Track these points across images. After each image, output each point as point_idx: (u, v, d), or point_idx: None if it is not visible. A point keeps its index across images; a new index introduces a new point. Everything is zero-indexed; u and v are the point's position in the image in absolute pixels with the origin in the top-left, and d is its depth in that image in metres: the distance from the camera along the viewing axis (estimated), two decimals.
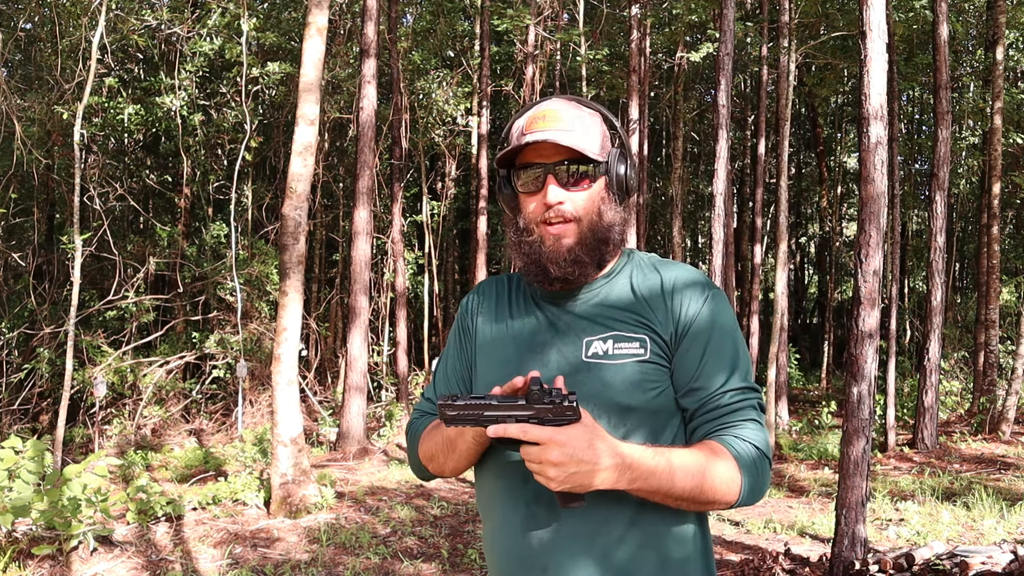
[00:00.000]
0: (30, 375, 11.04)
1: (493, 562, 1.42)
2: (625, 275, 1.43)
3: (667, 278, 1.40)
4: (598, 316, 1.39)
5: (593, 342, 1.36)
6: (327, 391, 13.62)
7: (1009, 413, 10.35)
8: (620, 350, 1.34)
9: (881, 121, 4.74)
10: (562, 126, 1.36)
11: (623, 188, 1.43)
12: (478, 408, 1.20)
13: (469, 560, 5.25)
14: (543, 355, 1.39)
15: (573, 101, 1.43)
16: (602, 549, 1.31)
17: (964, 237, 21.20)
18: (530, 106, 1.45)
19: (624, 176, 1.42)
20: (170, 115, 12.27)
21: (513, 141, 1.42)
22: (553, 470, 1.15)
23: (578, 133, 1.37)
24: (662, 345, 1.35)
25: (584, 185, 1.38)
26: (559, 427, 1.16)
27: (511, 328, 1.45)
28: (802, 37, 14.34)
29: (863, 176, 4.81)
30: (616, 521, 1.31)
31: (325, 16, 6.58)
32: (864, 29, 4.76)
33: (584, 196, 1.38)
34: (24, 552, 4.97)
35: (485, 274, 12.19)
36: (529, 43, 12.29)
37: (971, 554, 4.32)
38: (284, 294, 6.39)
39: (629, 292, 1.41)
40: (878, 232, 4.75)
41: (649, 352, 1.34)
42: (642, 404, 1.33)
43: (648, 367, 1.34)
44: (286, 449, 6.27)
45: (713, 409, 1.33)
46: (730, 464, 1.27)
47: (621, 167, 1.42)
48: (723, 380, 1.34)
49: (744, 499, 1.30)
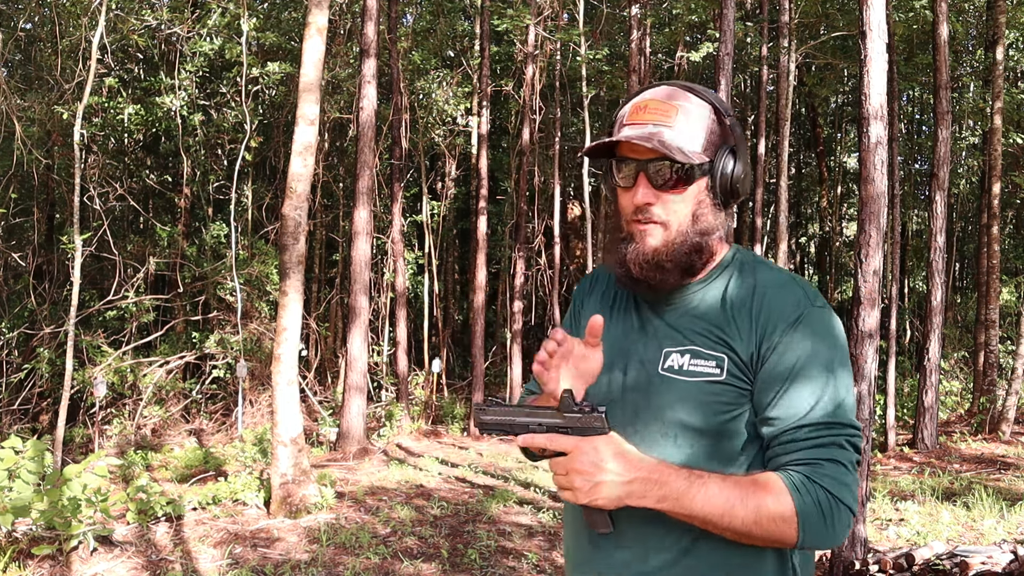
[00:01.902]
0: (30, 375, 11.04)
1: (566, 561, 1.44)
2: (722, 281, 1.31)
3: (760, 288, 1.26)
4: (682, 326, 1.29)
5: (672, 354, 1.27)
6: (327, 391, 13.62)
7: (1009, 413, 10.35)
8: (695, 367, 1.25)
9: (881, 121, 4.74)
10: (661, 120, 1.26)
11: (728, 191, 1.29)
12: (510, 415, 1.20)
13: (469, 560, 5.25)
14: (626, 359, 1.32)
15: (682, 90, 1.30)
16: (655, 570, 1.26)
17: (964, 237, 21.19)
18: (640, 91, 1.34)
19: (730, 179, 1.28)
20: (170, 115, 12.27)
21: (615, 130, 1.32)
22: (578, 479, 1.14)
23: (677, 130, 1.26)
24: (742, 366, 1.23)
25: (679, 188, 1.27)
26: (585, 437, 1.15)
27: (607, 324, 1.35)
28: (802, 37, 14.35)
29: (863, 176, 4.81)
30: (670, 545, 1.24)
31: (325, 16, 6.58)
32: (864, 29, 4.76)
33: (677, 200, 1.27)
34: (24, 552, 4.97)
35: (485, 274, 12.18)
36: (529, 43, 12.29)
37: (971, 554, 4.32)
38: (284, 294, 6.39)
39: (718, 302, 1.28)
40: (878, 232, 4.75)
41: (726, 373, 1.23)
42: (711, 427, 1.23)
43: (722, 388, 1.23)
44: (286, 449, 6.27)
45: (788, 443, 1.20)
46: (781, 500, 1.15)
47: (728, 168, 1.28)
48: (804, 412, 1.19)
49: (804, 542, 1.16)
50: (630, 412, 1.29)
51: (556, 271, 14.39)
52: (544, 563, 5.22)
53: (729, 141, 1.29)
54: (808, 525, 1.15)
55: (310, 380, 13.02)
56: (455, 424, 11.99)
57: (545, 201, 16.78)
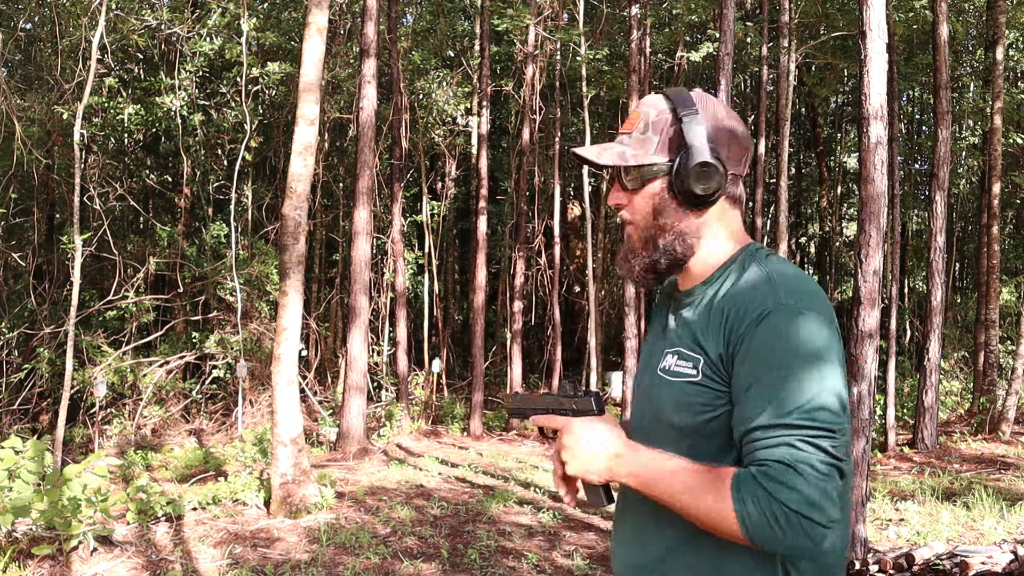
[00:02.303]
0: (30, 375, 11.04)
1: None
2: (719, 283, 1.32)
3: (736, 287, 1.28)
4: (678, 328, 1.35)
5: (667, 355, 1.33)
6: (327, 391, 13.63)
7: (1009, 413, 10.35)
8: (679, 367, 1.29)
9: (881, 121, 4.74)
10: (626, 129, 1.37)
11: (683, 191, 1.31)
12: (528, 402, 1.43)
13: (469, 560, 5.25)
14: (651, 359, 1.41)
15: (657, 94, 1.37)
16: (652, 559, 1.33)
17: (964, 237, 21.19)
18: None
19: (680, 179, 1.31)
20: (170, 115, 12.27)
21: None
22: (565, 452, 1.29)
23: (634, 137, 1.34)
24: (714, 367, 1.25)
25: (638, 190, 1.35)
26: (577, 417, 1.32)
27: (653, 323, 1.48)
28: (802, 37, 14.35)
29: (863, 176, 4.82)
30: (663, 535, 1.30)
31: (325, 16, 6.58)
32: (864, 29, 4.76)
33: (638, 199, 1.35)
34: (24, 552, 4.97)
35: (485, 274, 12.18)
36: (529, 43, 12.29)
37: (971, 554, 4.32)
38: (284, 294, 6.39)
39: (708, 303, 1.31)
40: (878, 232, 4.75)
41: (700, 374, 1.25)
42: (692, 427, 1.26)
43: (699, 389, 1.25)
44: (286, 449, 6.27)
45: (745, 445, 1.19)
46: (725, 497, 1.15)
47: (682, 170, 1.30)
48: (757, 414, 1.17)
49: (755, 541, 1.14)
50: (641, 410, 1.40)
51: (556, 271, 14.39)
52: (544, 563, 5.22)
53: (686, 142, 1.30)
54: (751, 523, 1.12)
55: (310, 380, 13.02)
56: (455, 424, 11.99)
57: (545, 201, 16.79)
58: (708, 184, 1.30)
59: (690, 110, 1.31)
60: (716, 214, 1.35)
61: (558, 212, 14.24)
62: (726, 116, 1.34)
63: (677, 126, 1.32)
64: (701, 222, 1.34)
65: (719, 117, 1.33)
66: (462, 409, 12.90)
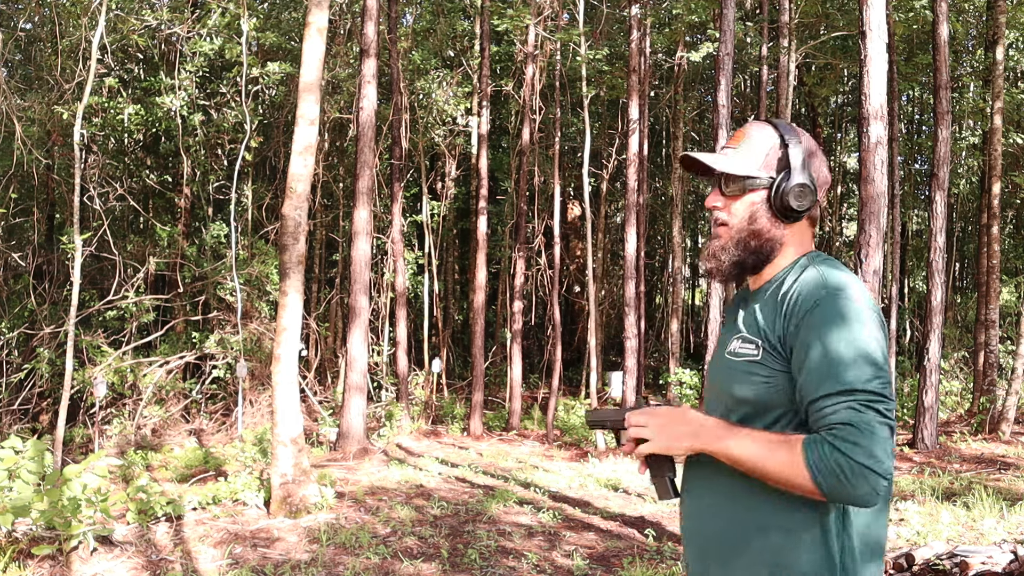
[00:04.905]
0: (30, 375, 11.04)
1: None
2: (782, 281, 1.56)
3: (796, 285, 1.51)
4: (745, 318, 1.60)
5: (733, 340, 1.59)
6: (327, 391, 13.63)
7: (1009, 413, 10.35)
8: (742, 349, 1.55)
9: (881, 121, 4.75)
10: (731, 144, 1.62)
11: (780, 204, 1.56)
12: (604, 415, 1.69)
13: (469, 560, 5.25)
14: (721, 347, 1.65)
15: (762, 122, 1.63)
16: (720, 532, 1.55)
17: (964, 237, 21.19)
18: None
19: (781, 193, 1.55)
20: (170, 115, 12.27)
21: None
22: (648, 431, 1.55)
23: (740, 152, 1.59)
24: (774, 348, 1.49)
25: (739, 196, 1.59)
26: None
27: (727, 319, 1.71)
28: (802, 37, 14.35)
29: (863, 176, 4.82)
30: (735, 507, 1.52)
31: (325, 16, 6.58)
32: (864, 29, 4.76)
33: (737, 204, 1.59)
34: (24, 552, 4.97)
35: (485, 274, 12.18)
36: (529, 43, 12.28)
37: (971, 554, 4.32)
38: (284, 294, 6.39)
39: (771, 297, 1.55)
40: (878, 232, 4.75)
41: (761, 352, 1.51)
42: (751, 396, 1.51)
43: (759, 366, 1.50)
44: (286, 449, 6.27)
45: (812, 414, 1.42)
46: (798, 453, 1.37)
47: (782, 185, 1.55)
48: (819, 385, 1.40)
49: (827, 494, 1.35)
50: (710, 387, 1.67)
51: (556, 271, 14.36)
52: (544, 563, 5.22)
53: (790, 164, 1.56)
54: (822, 476, 1.34)
55: (310, 380, 13.02)
56: (455, 424, 11.99)
57: (545, 201, 16.78)
58: (803, 202, 1.56)
59: (795, 139, 1.58)
60: (799, 228, 1.60)
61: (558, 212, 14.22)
62: (817, 150, 1.62)
63: (784, 150, 1.58)
64: (787, 232, 1.59)
65: (813, 150, 1.60)
66: (462, 409, 12.90)
